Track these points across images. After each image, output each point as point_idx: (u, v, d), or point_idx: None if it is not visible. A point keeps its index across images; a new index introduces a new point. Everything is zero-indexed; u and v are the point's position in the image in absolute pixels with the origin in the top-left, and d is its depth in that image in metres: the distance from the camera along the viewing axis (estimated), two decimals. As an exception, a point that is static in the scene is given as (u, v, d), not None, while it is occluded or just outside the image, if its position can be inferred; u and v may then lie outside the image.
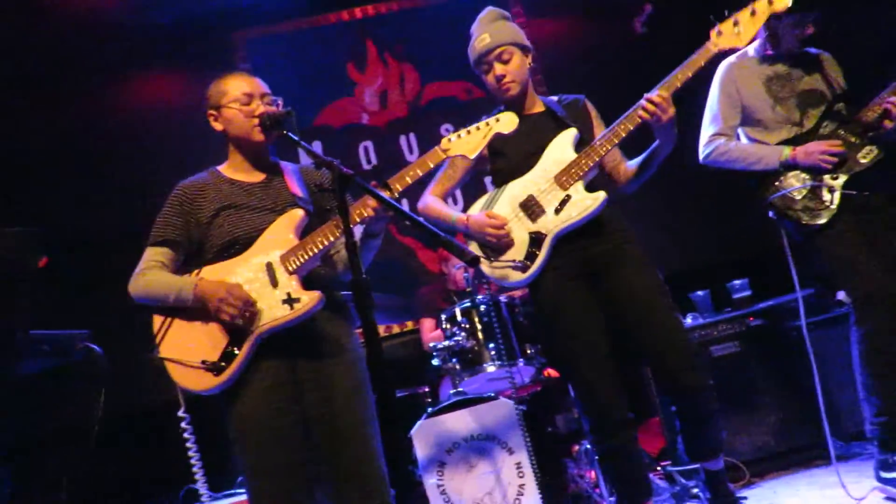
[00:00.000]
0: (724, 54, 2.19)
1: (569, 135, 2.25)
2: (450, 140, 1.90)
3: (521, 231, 2.22)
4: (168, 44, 4.52)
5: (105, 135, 4.38)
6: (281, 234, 1.89)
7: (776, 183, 2.46)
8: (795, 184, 2.42)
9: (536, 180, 2.24)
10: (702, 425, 2.19)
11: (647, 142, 2.24)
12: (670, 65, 2.10)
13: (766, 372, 3.02)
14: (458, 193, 4.06)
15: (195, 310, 1.82)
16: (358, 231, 1.99)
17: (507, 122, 1.90)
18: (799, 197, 2.41)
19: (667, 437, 3.23)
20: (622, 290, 2.18)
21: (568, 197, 2.18)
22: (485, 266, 2.26)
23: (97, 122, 4.40)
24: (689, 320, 3.28)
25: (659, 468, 3.22)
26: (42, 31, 4.32)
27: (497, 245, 2.22)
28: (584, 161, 2.17)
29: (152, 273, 1.87)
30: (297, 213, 1.92)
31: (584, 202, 2.16)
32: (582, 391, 2.24)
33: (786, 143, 2.49)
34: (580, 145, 2.23)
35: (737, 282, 3.34)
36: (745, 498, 2.27)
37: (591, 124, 2.37)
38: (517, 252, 2.21)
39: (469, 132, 1.90)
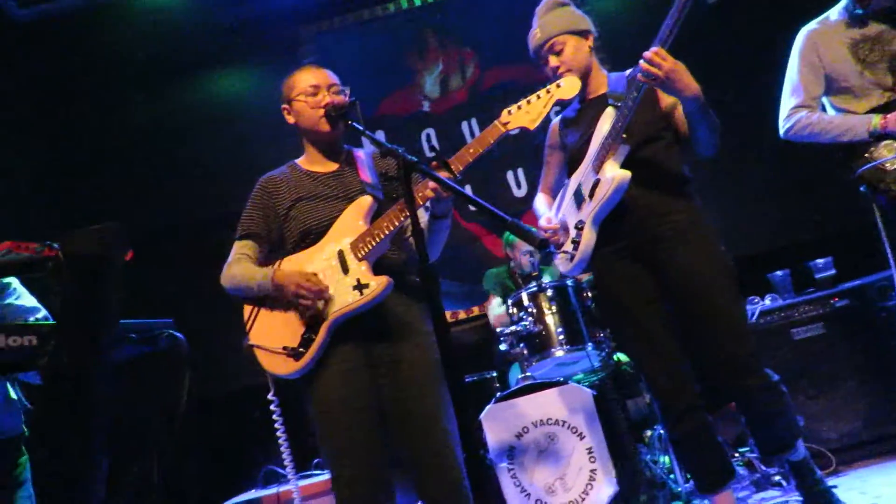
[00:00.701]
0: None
1: (607, 115, 2.13)
2: (509, 112, 1.84)
3: (572, 221, 2.21)
4: (237, 41, 4.68)
5: (179, 130, 4.59)
6: (351, 222, 1.93)
7: (866, 154, 2.30)
8: (887, 154, 2.26)
9: (585, 167, 2.18)
10: (767, 423, 2.07)
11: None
12: (740, 34, 1.99)
13: (852, 355, 2.87)
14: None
15: (277, 299, 1.91)
16: (424, 214, 2.01)
17: (568, 87, 1.82)
18: (891, 168, 2.26)
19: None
20: (678, 276, 2.07)
21: (598, 180, 2.10)
22: (555, 259, 2.28)
23: (171, 118, 4.62)
24: (767, 302, 3.14)
25: (737, 455, 3.12)
26: (117, 32, 4.55)
27: (551, 239, 2.24)
28: (608, 141, 2.06)
29: (238, 265, 1.97)
30: (366, 200, 1.96)
31: (606, 184, 2.06)
32: (646, 377, 2.19)
33: (876, 110, 2.33)
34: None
35: (819, 261, 3.16)
36: (834, 486, 2.15)
37: (656, 94, 2.17)
38: (569, 242, 2.20)
39: (529, 101, 1.84)
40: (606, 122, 2.11)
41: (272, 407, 2.01)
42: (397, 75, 4.69)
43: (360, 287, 1.85)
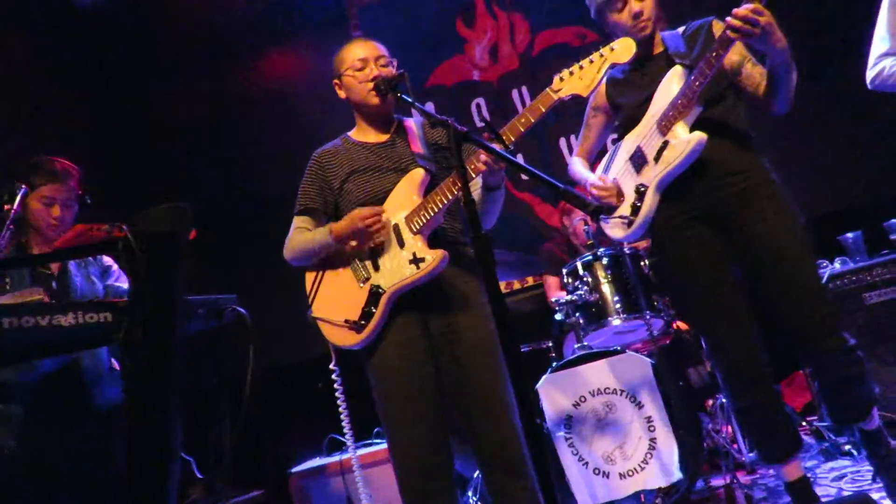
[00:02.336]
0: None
1: (675, 73, 2.03)
2: (561, 79, 1.79)
3: (629, 185, 2.14)
4: (286, 19, 4.72)
5: (235, 110, 4.69)
6: (405, 195, 1.95)
7: None
8: None
9: (645, 129, 2.09)
10: (844, 389, 1.99)
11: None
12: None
13: (932, 319, 2.72)
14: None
15: (337, 267, 1.97)
16: (477, 185, 2.00)
17: (623, 50, 1.74)
18: None
19: (813, 390, 3.02)
20: (749, 239, 2.00)
21: (666, 143, 2.01)
22: (603, 224, 2.21)
23: (228, 98, 4.73)
24: (837, 265, 3.00)
25: (805, 423, 3.03)
26: (173, 15, 4.67)
27: (605, 200, 2.16)
28: (680, 101, 1.96)
29: (298, 236, 2.03)
30: (419, 173, 1.97)
31: (679, 146, 1.97)
32: (711, 345, 2.14)
33: None
34: None
35: (895, 220, 2.99)
36: None
37: None
38: (626, 207, 2.13)
39: (581, 67, 1.77)
40: (675, 81, 2.03)
41: (334, 377, 2.08)
42: (446, 45, 4.64)
43: (416, 261, 1.87)
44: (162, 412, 1.36)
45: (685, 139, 1.97)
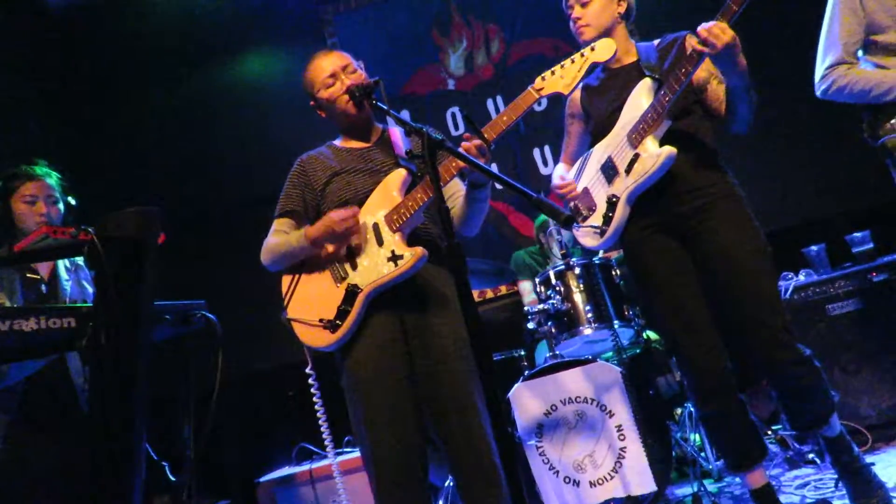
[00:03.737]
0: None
1: (643, 86, 2.07)
2: (543, 79, 1.82)
3: (600, 195, 2.17)
4: (260, 23, 4.69)
5: (205, 114, 4.64)
6: (386, 195, 1.95)
7: (891, 122, 2.19)
8: None
9: (615, 139, 2.13)
10: (800, 398, 2.03)
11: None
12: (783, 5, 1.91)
13: (891, 330, 2.79)
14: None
15: (313, 270, 1.95)
16: (461, 185, 2.00)
17: (603, 50, 1.77)
18: None
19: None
20: (714, 250, 2.03)
21: (637, 156, 2.04)
22: (575, 231, 2.24)
23: (197, 102, 4.67)
24: (801, 277, 3.07)
25: (770, 432, 3.09)
26: (144, 17, 4.61)
27: (572, 209, 2.20)
28: (650, 115, 2.00)
29: (275, 238, 2.01)
30: (401, 173, 1.96)
31: (650, 160, 2.01)
32: (676, 354, 2.16)
33: None
34: None
35: (857, 234, 3.08)
36: (872, 464, 2.12)
37: None
38: (598, 216, 2.17)
39: (563, 66, 1.80)
40: (644, 94, 2.06)
41: (311, 381, 2.05)
42: (421, 53, 4.65)
43: (394, 258, 1.86)
44: (125, 422, 1.33)
45: (656, 153, 2.01)
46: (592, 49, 1.79)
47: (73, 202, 2.43)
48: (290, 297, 1.98)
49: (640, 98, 2.07)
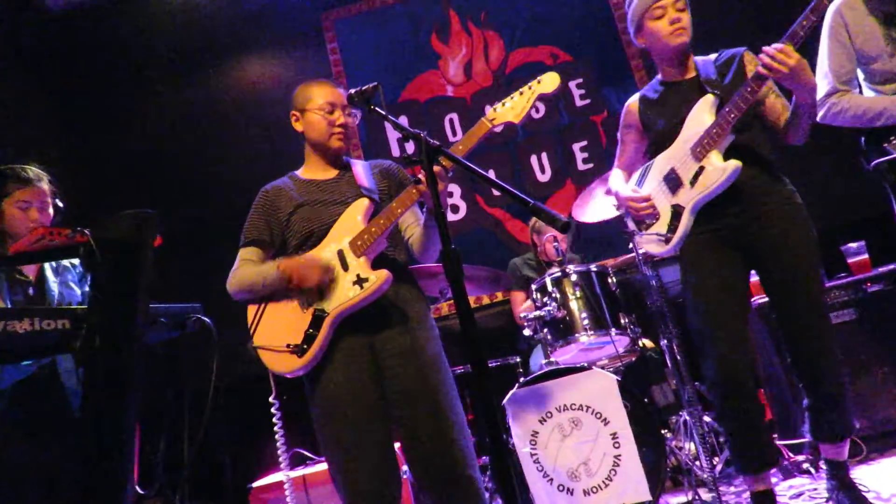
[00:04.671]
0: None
1: (706, 102, 2.16)
2: (495, 110, 1.92)
3: (665, 204, 2.25)
4: (260, 28, 4.70)
5: (204, 119, 4.64)
6: (350, 222, 1.98)
7: (885, 144, 2.23)
8: None
9: (678, 152, 2.21)
10: (833, 407, 2.11)
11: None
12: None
13: (885, 341, 2.80)
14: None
15: (280, 299, 1.95)
16: (419, 214, 2.03)
17: (548, 82, 1.88)
18: None
19: (774, 409, 3.08)
20: (778, 257, 2.11)
21: (701, 168, 2.13)
22: (638, 238, 2.34)
23: (197, 107, 4.68)
24: (797, 287, 3.08)
25: (765, 441, 3.08)
26: (143, 22, 4.62)
27: (637, 219, 2.30)
28: (714, 130, 2.09)
29: (243, 268, 2.01)
30: (364, 202, 2.00)
31: (715, 173, 2.10)
32: (710, 353, 2.17)
33: None
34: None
35: (852, 245, 3.09)
36: (867, 490, 2.20)
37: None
38: (662, 225, 2.25)
39: (513, 98, 1.91)
40: (706, 110, 2.15)
41: (273, 410, 2.11)
42: (420, 60, 4.67)
43: (360, 282, 1.88)
44: (118, 425, 1.33)
45: (721, 166, 2.09)
46: (539, 82, 1.89)
47: (60, 205, 2.42)
48: (255, 325, 1.97)
49: (703, 113, 2.15)
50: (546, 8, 4.61)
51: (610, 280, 2.90)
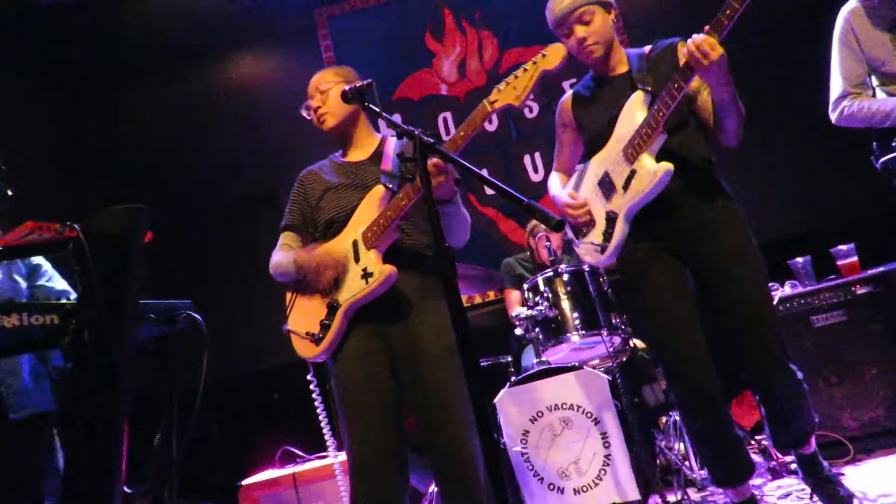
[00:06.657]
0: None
1: (637, 99, 2.02)
2: (498, 90, 1.79)
3: (599, 210, 2.13)
4: (254, 25, 4.68)
5: (197, 115, 4.62)
6: (367, 211, 1.98)
7: (894, 142, 2.25)
8: None
9: (611, 153, 2.08)
10: (788, 418, 2.06)
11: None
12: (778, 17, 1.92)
13: (875, 343, 2.82)
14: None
15: (306, 286, 1.99)
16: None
17: (553, 55, 1.72)
18: None
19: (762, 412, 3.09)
20: (715, 265, 2.03)
21: (633, 172, 1.99)
22: (576, 248, 2.24)
23: (189, 103, 4.65)
24: (787, 289, 3.10)
25: (753, 442, 3.10)
26: (136, 17, 4.59)
27: (575, 226, 2.19)
28: (644, 130, 1.95)
29: (279, 253, 2.08)
30: (379, 190, 1.99)
31: (647, 177, 1.97)
32: (667, 371, 2.14)
33: None
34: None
35: (842, 247, 3.11)
36: (841, 474, 2.16)
37: None
38: (597, 233, 2.13)
39: (516, 76, 1.76)
40: (637, 107, 2.02)
41: (311, 387, 2.19)
42: (414, 58, 4.66)
43: (366, 276, 1.89)
44: (106, 421, 1.31)
45: (652, 169, 1.96)
46: (543, 56, 1.73)
47: (10, 193, 2.28)
48: (290, 309, 2.05)
49: (634, 111, 2.02)
50: (540, 7, 4.60)
51: (602, 280, 2.91)
